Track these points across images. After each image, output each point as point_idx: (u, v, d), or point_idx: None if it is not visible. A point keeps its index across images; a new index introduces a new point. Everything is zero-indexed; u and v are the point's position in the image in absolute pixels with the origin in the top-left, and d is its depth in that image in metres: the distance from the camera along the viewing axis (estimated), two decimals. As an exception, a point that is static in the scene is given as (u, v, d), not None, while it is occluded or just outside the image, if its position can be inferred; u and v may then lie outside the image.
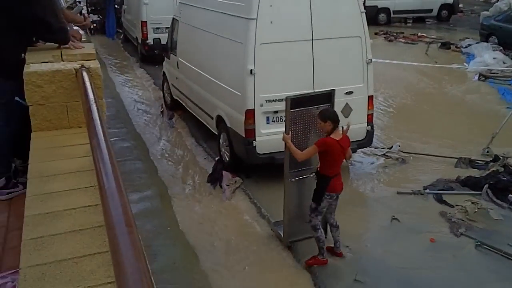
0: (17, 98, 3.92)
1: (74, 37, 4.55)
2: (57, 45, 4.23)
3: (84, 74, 3.53)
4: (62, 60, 3.88)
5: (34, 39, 4.37)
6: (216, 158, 9.33)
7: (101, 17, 24.18)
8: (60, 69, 3.68)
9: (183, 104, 11.44)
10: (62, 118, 3.76)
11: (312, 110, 6.42)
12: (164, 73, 12.72)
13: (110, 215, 1.74)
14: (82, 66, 3.73)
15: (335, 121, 5.95)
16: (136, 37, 18.24)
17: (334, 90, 6.72)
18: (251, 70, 7.79)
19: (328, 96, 6.66)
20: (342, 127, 6.10)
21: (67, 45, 4.16)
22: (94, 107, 2.82)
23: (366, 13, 8.55)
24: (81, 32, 5.11)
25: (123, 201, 1.82)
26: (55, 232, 2.42)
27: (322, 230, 6.32)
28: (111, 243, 1.60)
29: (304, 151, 6.07)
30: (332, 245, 6.51)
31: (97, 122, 2.59)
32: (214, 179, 8.76)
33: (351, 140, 8.39)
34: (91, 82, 3.38)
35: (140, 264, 1.47)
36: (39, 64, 3.74)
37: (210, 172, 8.98)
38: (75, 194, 2.78)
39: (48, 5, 4.05)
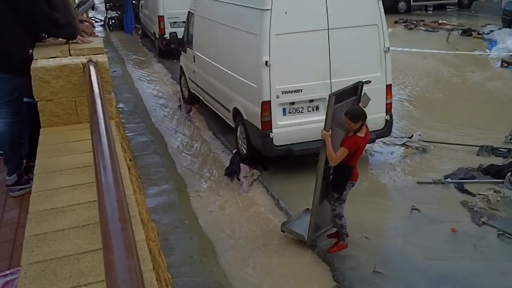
0: (26, 99, 3.91)
1: (85, 32, 4.54)
2: (65, 40, 4.21)
3: (91, 68, 3.50)
4: (70, 55, 3.86)
5: (43, 35, 4.36)
6: (234, 151, 9.29)
7: (119, 13, 24.28)
8: (67, 64, 3.66)
9: (200, 97, 11.41)
10: (70, 113, 3.74)
11: (343, 105, 6.27)
12: (181, 67, 12.71)
13: (104, 210, 1.69)
14: (90, 60, 3.70)
15: (364, 119, 5.88)
16: (154, 32, 18.29)
17: (361, 82, 6.56)
18: (266, 62, 7.71)
19: (355, 89, 6.51)
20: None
21: (75, 40, 4.13)
22: (98, 101, 2.78)
23: (385, 1, 8.39)
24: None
25: (119, 197, 1.77)
26: (58, 228, 2.39)
27: (345, 217, 6.34)
28: (103, 239, 1.56)
29: (337, 156, 5.85)
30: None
31: (100, 116, 2.55)
32: (232, 172, 8.72)
33: (371, 130, 8.35)
34: (97, 76, 3.35)
35: (131, 262, 1.41)
36: (46, 60, 3.72)
37: (227, 165, 8.94)
38: (80, 189, 2.75)
39: (55, 0, 4.03)
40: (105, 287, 1.36)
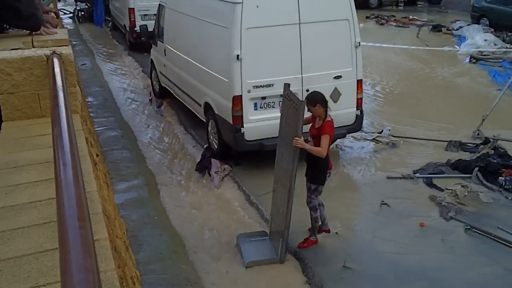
0: None
1: (49, 24, 4.42)
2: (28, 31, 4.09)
3: (55, 60, 3.39)
4: (33, 47, 3.75)
5: (5, 26, 4.23)
6: (205, 146, 9.22)
7: (89, 5, 23.89)
8: (30, 56, 3.55)
9: (171, 91, 11.29)
10: (34, 107, 3.63)
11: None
12: (152, 60, 12.55)
13: (62, 208, 1.62)
14: (54, 52, 3.59)
15: (325, 102, 5.96)
16: (124, 25, 18.04)
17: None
18: (237, 56, 7.65)
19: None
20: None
21: (39, 32, 4.01)
22: (60, 94, 2.69)
23: (357, -4, 8.41)
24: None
25: (78, 194, 1.70)
26: (18, 226, 2.31)
27: (322, 209, 6.37)
28: (60, 238, 1.49)
29: (323, 146, 5.85)
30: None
31: (62, 110, 2.47)
32: (203, 167, 8.65)
33: (340, 125, 8.38)
34: (61, 68, 3.25)
35: (88, 262, 1.35)
36: (8, 51, 3.60)
37: (198, 160, 8.87)
38: (42, 185, 2.67)
39: None
40: (62, 288, 1.31)
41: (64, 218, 1.58)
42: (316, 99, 5.97)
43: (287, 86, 6.22)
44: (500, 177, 7.77)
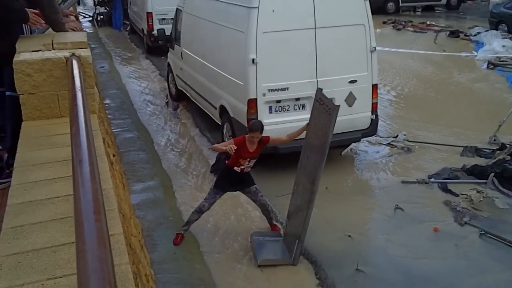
0: (8, 92, 3.89)
1: (73, 29, 4.57)
2: (48, 33, 4.19)
3: (74, 62, 3.49)
4: (53, 49, 3.84)
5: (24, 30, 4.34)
6: (220, 148, 9.27)
7: (108, 9, 24.17)
8: (50, 58, 3.65)
9: (188, 94, 11.40)
10: (53, 107, 3.73)
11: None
12: (168, 63, 12.69)
13: (79, 201, 1.69)
14: (73, 54, 3.68)
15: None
16: (142, 29, 18.23)
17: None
18: (253, 60, 7.72)
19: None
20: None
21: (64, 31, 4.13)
22: (79, 95, 2.77)
23: (374, 2, 8.43)
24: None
25: (94, 189, 1.77)
26: (36, 220, 2.39)
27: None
28: (76, 229, 1.56)
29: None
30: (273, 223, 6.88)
31: (80, 109, 2.55)
32: (217, 169, 8.69)
33: (355, 130, 8.43)
34: (80, 70, 3.34)
35: (102, 252, 1.42)
36: (29, 53, 3.70)
37: (213, 162, 8.94)
38: (60, 182, 2.75)
39: None
40: (78, 277, 1.37)
41: (80, 211, 1.65)
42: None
43: (319, 90, 6.27)
44: (516, 183, 7.73)
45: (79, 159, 2.01)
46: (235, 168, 6.32)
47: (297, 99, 8.06)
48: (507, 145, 8.91)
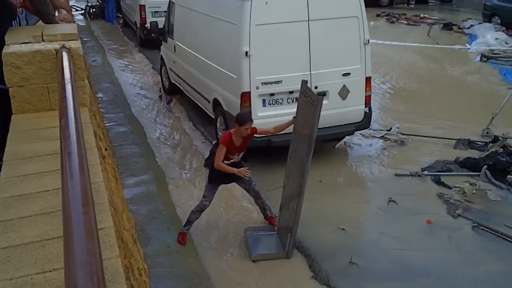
0: None
1: (65, 21, 4.53)
2: (38, 25, 4.14)
3: (64, 54, 3.45)
4: (43, 41, 3.79)
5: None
6: (213, 142, 9.23)
7: (100, 1, 24.01)
8: (40, 50, 3.61)
9: (181, 88, 11.35)
10: (43, 100, 3.69)
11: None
12: (161, 57, 12.62)
13: (67, 194, 1.67)
14: (63, 46, 3.64)
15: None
16: (135, 21, 18.14)
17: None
18: (246, 52, 7.68)
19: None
20: None
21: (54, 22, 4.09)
22: (68, 87, 2.74)
23: (368, -5, 8.41)
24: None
25: (83, 181, 1.75)
26: (25, 214, 2.37)
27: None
28: (64, 222, 1.54)
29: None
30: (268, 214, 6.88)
31: (70, 101, 2.52)
32: (211, 163, 8.67)
33: (349, 123, 8.43)
34: (70, 62, 3.30)
35: (90, 245, 1.40)
36: (18, 45, 3.66)
37: (207, 156, 8.88)
38: (50, 176, 2.72)
39: None
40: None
41: (68, 203, 1.63)
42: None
43: (304, 82, 6.26)
44: (509, 176, 7.75)
45: (68, 152, 1.98)
46: (224, 161, 6.29)
47: (291, 92, 8.03)
48: (500, 138, 8.93)
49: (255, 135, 6.44)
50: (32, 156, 2.98)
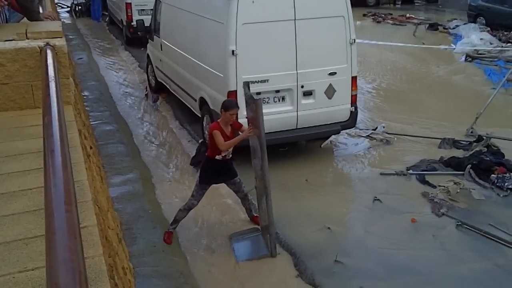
0: None
1: (50, 18, 4.50)
2: (22, 22, 4.11)
3: (48, 51, 3.42)
4: (27, 38, 3.76)
5: None
6: (200, 141, 9.24)
7: (86, -1, 23.84)
8: (24, 47, 3.58)
9: (167, 86, 11.32)
10: (27, 98, 3.67)
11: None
12: (148, 55, 12.57)
13: (49, 192, 1.66)
14: (47, 44, 3.62)
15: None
16: (121, 20, 18.04)
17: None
18: (232, 51, 7.68)
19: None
20: None
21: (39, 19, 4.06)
22: (52, 85, 2.72)
23: (355, -6, 8.44)
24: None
25: (66, 179, 1.74)
26: (8, 213, 2.35)
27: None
28: (46, 220, 1.53)
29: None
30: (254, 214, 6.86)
31: (53, 99, 2.50)
32: (197, 161, 8.66)
33: (335, 122, 8.46)
34: (54, 59, 3.28)
35: (72, 243, 1.40)
36: (2, 42, 3.63)
37: (193, 155, 8.89)
38: (33, 174, 2.70)
39: None
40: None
41: (51, 201, 1.62)
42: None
43: (245, 84, 6.38)
44: (492, 175, 7.83)
45: (51, 150, 1.97)
46: (217, 157, 6.27)
47: (277, 91, 8.05)
48: (484, 137, 9.02)
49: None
50: (16, 154, 2.96)
